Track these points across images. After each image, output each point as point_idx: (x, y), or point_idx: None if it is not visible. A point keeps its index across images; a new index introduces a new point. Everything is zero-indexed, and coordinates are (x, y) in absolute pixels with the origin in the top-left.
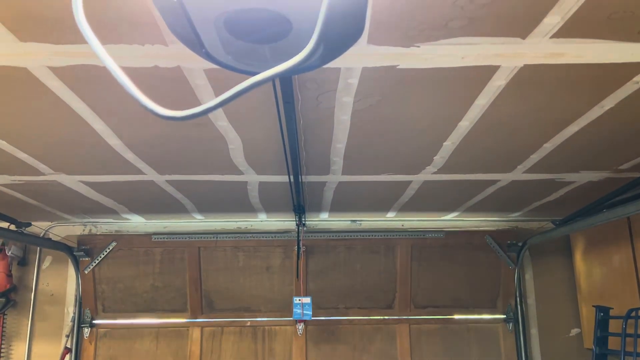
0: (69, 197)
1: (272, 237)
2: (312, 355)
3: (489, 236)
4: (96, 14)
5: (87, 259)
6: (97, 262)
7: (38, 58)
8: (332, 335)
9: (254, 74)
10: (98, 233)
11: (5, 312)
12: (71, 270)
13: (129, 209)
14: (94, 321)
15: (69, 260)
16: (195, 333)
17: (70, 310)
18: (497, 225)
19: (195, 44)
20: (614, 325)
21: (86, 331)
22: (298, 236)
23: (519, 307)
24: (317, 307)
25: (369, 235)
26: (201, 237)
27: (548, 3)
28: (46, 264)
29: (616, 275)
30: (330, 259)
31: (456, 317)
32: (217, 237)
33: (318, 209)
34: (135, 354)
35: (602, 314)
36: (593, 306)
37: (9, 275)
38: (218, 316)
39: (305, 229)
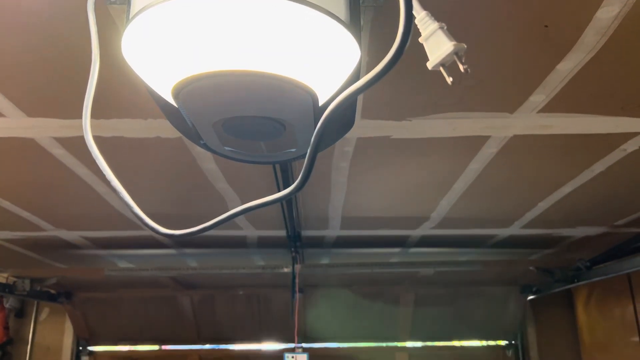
0: (67, 250)
1: (261, 270)
2: None
3: (534, 267)
4: (104, 92)
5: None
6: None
7: (45, 131)
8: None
9: (250, 162)
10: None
11: None
12: (68, 323)
13: (128, 261)
14: (90, 348)
15: (66, 313)
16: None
17: None
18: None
19: (194, 138)
20: None
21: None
22: (293, 274)
23: None
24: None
25: (383, 269)
26: (172, 274)
27: (532, 84)
28: (43, 316)
29: (618, 329)
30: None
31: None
32: (193, 272)
33: (318, 257)
34: None
35: None
36: None
37: (6, 327)
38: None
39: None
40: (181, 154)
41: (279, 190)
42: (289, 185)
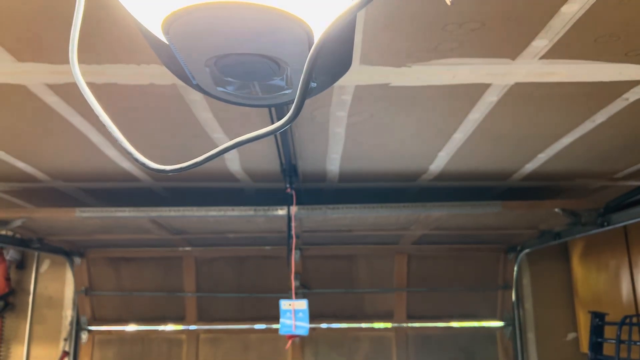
0: (66, 202)
1: (253, 213)
2: None
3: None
4: (94, 36)
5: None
6: None
7: (36, 76)
8: None
9: (243, 104)
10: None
11: (4, 316)
12: (69, 274)
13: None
14: (89, 327)
15: (67, 263)
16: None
17: (68, 313)
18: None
19: (186, 78)
20: (609, 331)
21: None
22: (288, 216)
23: (516, 311)
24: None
25: (390, 212)
26: (152, 215)
27: (535, 28)
28: (44, 267)
29: (612, 281)
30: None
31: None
32: (175, 215)
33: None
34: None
35: (597, 320)
36: (589, 312)
37: (8, 279)
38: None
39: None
40: (176, 102)
41: (277, 141)
42: (286, 137)
